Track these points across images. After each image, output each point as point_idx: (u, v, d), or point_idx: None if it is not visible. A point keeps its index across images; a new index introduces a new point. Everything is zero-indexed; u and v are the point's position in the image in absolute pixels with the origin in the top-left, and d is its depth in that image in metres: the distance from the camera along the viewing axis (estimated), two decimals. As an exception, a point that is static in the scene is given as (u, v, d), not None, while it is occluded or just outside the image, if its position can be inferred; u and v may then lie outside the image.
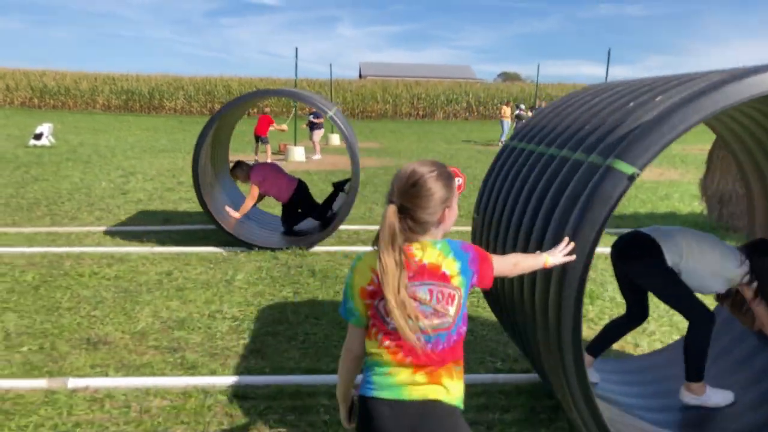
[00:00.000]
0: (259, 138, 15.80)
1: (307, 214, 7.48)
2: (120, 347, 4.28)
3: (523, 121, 21.01)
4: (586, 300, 4.47)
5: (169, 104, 40.89)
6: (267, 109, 17.29)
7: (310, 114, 17.75)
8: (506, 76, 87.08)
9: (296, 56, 17.70)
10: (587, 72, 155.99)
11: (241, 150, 18.64)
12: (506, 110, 23.64)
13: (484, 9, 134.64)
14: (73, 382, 3.65)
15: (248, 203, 7.17)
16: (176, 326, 4.66)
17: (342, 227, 7.49)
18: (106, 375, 3.83)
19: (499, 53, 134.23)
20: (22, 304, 5.07)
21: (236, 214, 7.11)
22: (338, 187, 7.71)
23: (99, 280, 5.76)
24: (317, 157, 17.38)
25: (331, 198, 7.71)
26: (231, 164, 7.64)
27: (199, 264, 6.36)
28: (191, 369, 3.94)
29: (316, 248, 6.98)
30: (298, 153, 17.32)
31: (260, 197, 7.33)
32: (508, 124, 23.50)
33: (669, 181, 13.59)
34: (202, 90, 41.46)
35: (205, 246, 7.03)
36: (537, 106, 23.49)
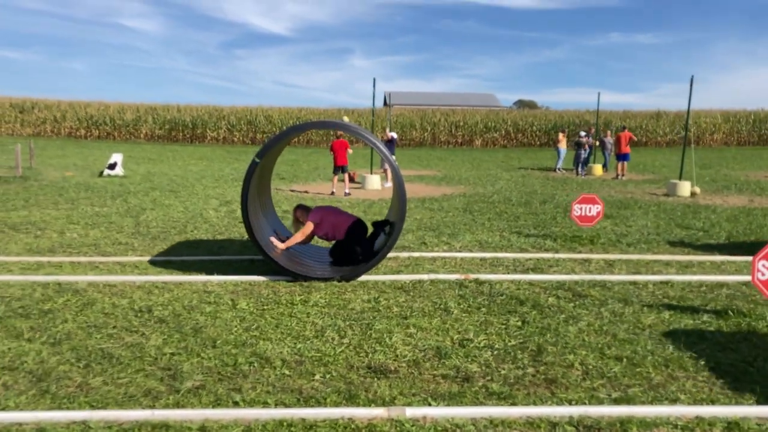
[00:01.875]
0: (341, 168, 15.74)
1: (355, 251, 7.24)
2: (405, 375, 4.28)
3: (585, 148, 21.07)
4: None
5: (212, 134, 41.42)
6: (339, 133, 17.36)
7: (387, 142, 17.90)
8: (522, 104, 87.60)
9: (374, 86, 17.89)
10: (600, 99, 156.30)
11: (300, 178, 18.85)
12: (563, 137, 23.72)
13: (493, 39, 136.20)
14: (410, 411, 3.65)
15: (297, 238, 7.16)
16: (439, 354, 4.66)
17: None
18: (428, 404, 3.82)
19: (509, 82, 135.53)
20: (267, 332, 5.10)
21: (282, 246, 7.07)
22: (379, 227, 7.53)
23: (311, 308, 5.78)
24: (389, 184, 17.50)
25: (373, 237, 7.51)
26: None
27: (391, 291, 6.39)
28: (503, 398, 3.92)
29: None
30: (374, 181, 17.42)
31: (310, 236, 7.31)
32: (564, 151, 23.53)
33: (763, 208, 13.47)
34: (244, 120, 41.99)
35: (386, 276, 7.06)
36: (601, 136, 23.48)
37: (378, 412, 3.65)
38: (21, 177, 17.77)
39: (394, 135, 18.79)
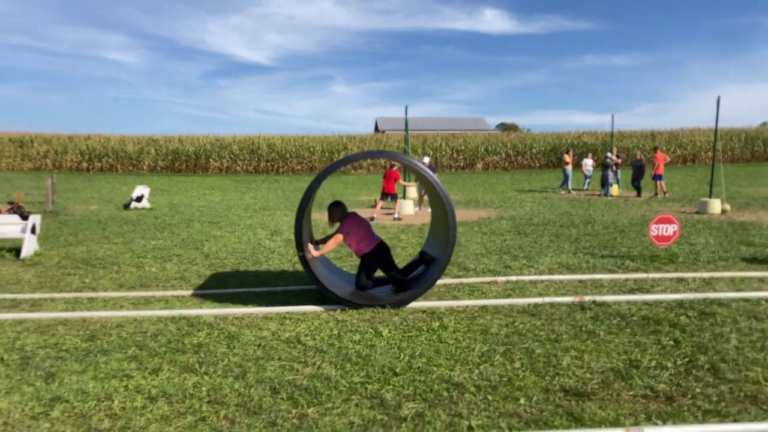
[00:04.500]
0: (388, 195, 16.02)
1: (385, 272, 7.54)
2: (605, 396, 4.36)
3: (612, 167, 21.44)
4: None
5: (215, 164, 41.38)
6: (393, 162, 17.61)
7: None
8: (504, 127, 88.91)
9: (406, 114, 18.13)
10: (578, 121, 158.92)
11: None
12: (568, 159, 24.03)
13: (472, 64, 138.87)
14: (649, 431, 3.74)
15: (330, 245, 7.20)
16: (620, 375, 4.76)
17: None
18: (654, 423, 3.91)
19: (490, 105, 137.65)
20: (432, 358, 5.17)
21: (316, 253, 7.13)
22: (425, 259, 7.75)
23: (452, 333, 5.86)
24: (430, 209, 17.65)
25: (414, 265, 7.73)
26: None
27: (518, 315, 6.49)
28: (721, 414, 4.02)
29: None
30: (408, 206, 17.57)
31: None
32: (570, 172, 23.84)
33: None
34: (246, 149, 42.05)
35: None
36: (609, 155, 23.86)
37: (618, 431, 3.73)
38: (52, 212, 17.63)
39: (427, 159, 18.99)
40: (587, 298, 7.06)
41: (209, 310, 6.81)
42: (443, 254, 7.06)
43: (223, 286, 8.13)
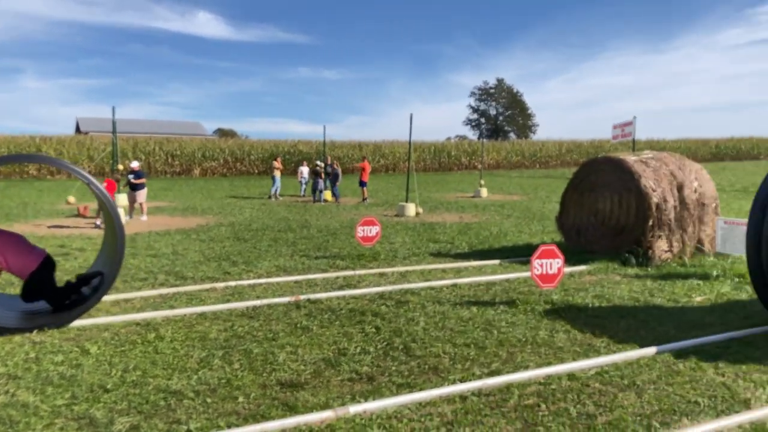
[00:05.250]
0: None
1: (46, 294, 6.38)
2: (317, 384, 4.78)
3: (322, 176, 22.86)
4: None
5: None
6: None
7: (129, 174, 17.01)
8: (222, 133, 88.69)
9: (113, 115, 16.87)
10: (294, 129, 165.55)
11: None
12: (277, 165, 24.90)
13: (188, 67, 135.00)
14: (353, 409, 4.22)
15: None
16: (330, 364, 5.24)
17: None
18: (359, 402, 4.42)
19: (207, 110, 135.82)
20: (149, 370, 5.05)
21: None
22: (82, 282, 6.66)
23: (171, 343, 5.79)
24: (144, 218, 16.76)
25: (71, 288, 6.59)
26: None
27: (238, 319, 6.67)
28: (411, 387, 4.72)
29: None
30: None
31: None
32: (279, 178, 24.64)
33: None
34: None
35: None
36: (328, 163, 25.38)
37: (327, 414, 4.12)
38: None
39: (136, 164, 17.88)
40: (302, 297, 7.51)
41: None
42: (112, 266, 6.48)
43: None
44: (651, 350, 5.46)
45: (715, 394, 4.52)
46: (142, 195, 16.89)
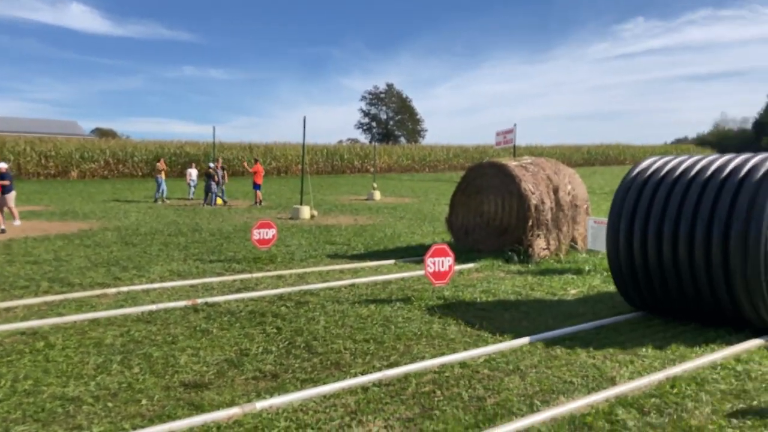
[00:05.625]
0: None
1: None
2: (222, 384, 4.86)
3: (215, 177, 22.37)
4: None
5: None
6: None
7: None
8: (101, 132, 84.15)
9: None
10: (179, 130, 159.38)
11: None
12: (161, 167, 24.07)
13: (61, 62, 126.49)
14: (260, 404, 4.35)
15: None
16: (233, 364, 5.33)
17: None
18: (264, 398, 4.55)
19: (84, 108, 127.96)
20: (42, 379, 4.89)
21: None
22: None
23: (62, 351, 5.62)
24: (18, 222, 15.67)
25: None
26: None
27: (134, 324, 6.55)
28: (315, 381, 4.92)
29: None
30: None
31: None
32: (163, 180, 23.81)
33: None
34: None
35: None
36: (217, 166, 24.72)
37: (233, 411, 4.23)
38: None
39: (4, 165, 16.60)
40: (199, 300, 7.47)
41: None
42: None
43: None
44: (533, 338, 6.00)
45: (587, 374, 5.08)
46: (11, 198, 15.73)
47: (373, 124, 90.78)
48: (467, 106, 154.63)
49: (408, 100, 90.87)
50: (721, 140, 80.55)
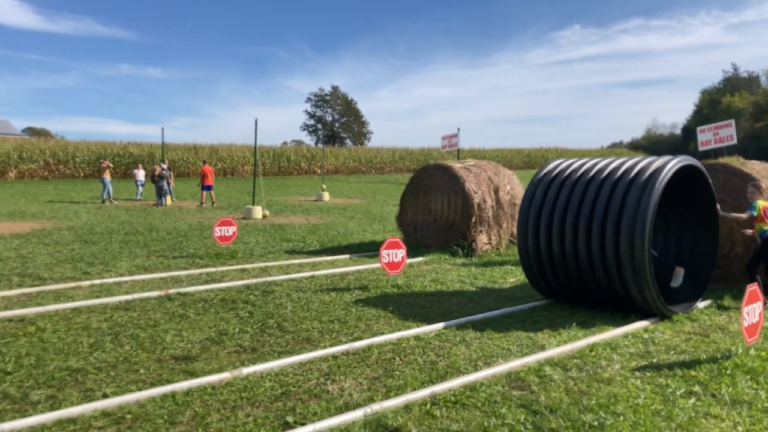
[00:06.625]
0: None
1: None
2: (208, 356, 5.54)
3: (167, 179, 22.56)
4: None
5: None
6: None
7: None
8: (33, 132, 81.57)
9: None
10: (116, 130, 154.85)
11: None
12: (105, 164, 23.99)
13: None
14: (246, 370, 5.06)
15: None
16: (215, 341, 6.01)
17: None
18: (249, 365, 5.27)
19: (14, 106, 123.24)
20: (43, 357, 5.45)
21: None
22: None
23: (54, 333, 6.15)
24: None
25: None
26: None
27: (112, 312, 7.11)
28: (290, 352, 5.66)
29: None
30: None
31: None
32: (109, 180, 23.73)
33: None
34: None
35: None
36: (165, 166, 24.77)
37: (224, 375, 4.93)
38: None
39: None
40: (172, 291, 8.05)
41: None
42: None
43: None
44: (476, 317, 6.91)
45: (522, 343, 6.00)
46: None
47: (319, 126, 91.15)
48: (410, 108, 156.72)
49: (353, 102, 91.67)
50: (653, 144, 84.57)
